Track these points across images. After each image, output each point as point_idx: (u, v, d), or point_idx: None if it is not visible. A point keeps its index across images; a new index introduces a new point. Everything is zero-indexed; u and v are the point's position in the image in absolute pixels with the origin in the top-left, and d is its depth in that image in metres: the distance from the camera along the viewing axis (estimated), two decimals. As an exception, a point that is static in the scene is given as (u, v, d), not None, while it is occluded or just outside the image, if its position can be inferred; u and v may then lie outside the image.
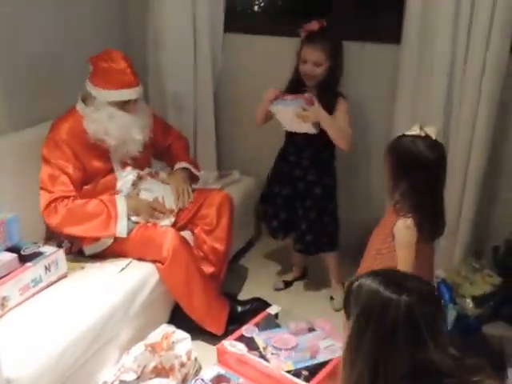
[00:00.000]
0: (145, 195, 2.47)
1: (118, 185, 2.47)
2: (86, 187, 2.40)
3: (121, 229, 2.33)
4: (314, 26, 2.50)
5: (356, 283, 1.26)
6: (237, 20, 3.18)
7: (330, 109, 2.48)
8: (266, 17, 3.46)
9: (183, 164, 2.67)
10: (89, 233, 2.33)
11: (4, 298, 1.98)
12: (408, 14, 2.54)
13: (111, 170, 2.47)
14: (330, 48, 2.46)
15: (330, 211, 2.67)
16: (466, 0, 2.38)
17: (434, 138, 1.84)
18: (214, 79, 3.20)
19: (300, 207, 2.66)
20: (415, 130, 1.84)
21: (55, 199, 2.29)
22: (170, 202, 2.53)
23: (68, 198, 2.30)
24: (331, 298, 2.80)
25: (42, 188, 2.32)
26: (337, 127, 2.47)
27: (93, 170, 2.39)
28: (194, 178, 2.70)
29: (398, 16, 2.59)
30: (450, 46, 2.45)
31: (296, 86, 2.56)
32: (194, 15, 3.03)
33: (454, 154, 2.58)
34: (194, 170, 2.69)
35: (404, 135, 1.87)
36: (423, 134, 1.83)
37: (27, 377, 1.75)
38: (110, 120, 2.32)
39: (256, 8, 3.49)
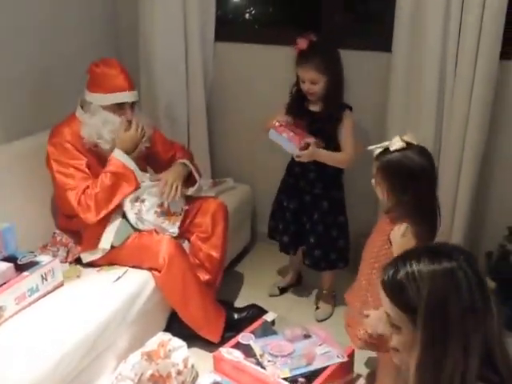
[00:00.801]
0: (150, 200, 2.43)
1: None
2: None
3: (140, 178, 2.41)
4: (302, 44, 2.43)
5: (400, 279, 1.21)
6: (228, 29, 3.21)
7: (335, 124, 2.48)
8: (256, 25, 3.49)
9: (183, 160, 2.61)
10: (120, 199, 2.35)
11: (0, 308, 1.99)
12: (397, 23, 2.56)
13: None
14: (323, 64, 2.41)
15: (338, 225, 2.64)
16: (456, 8, 2.41)
17: (416, 143, 1.87)
18: (206, 88, 3.22)
19: (308, 221, 2.64)
20: (398, 142, 1.85)
21: (82, 193, 2.30)
22: (176, 206, 2.48)
23: (88, 187, 2.32)
24: (316, 308, 2.80)
25: (65, 190, 2.32)
26: (334, 160, 2.50)
27: (95, 172, 2.38)
28: (191, 181, 2.63)
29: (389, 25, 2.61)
30: (440, 53, 2.48)
31: (300, 101, 2.55)
32: (185, 24, 3.06)
33: (446, 162, 2.62)
34: (194, 169, 2.62)
35: (390, 151, 1.86)
36: (405, 144, 1.84)
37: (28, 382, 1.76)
38: (104, 124, 2.34)
39: (247, 16, 3.52)
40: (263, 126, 2.53)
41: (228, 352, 2.23)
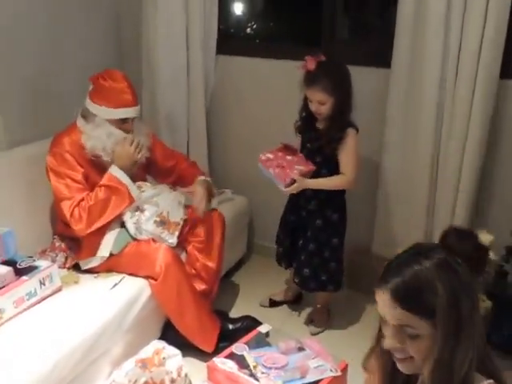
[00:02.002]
0: (150, 210, 2.46)
1: None
2: None
3: (136, 193, 2.42)
4: (310, 65, 2.39)
5: (412, 284, 1.19)
6: (229, 42, 3.25)
7: (336, 143, 2.45)
8: (258, 39, 3.53)
9: (205, 178, 2.69)
10: (114, 214, 2.36)
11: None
12: (397, 37, 2.58)
13: None
14: (331, 85, 2.37)
15: (332, 246, 2.60)
16: (456, 23, 2.41)
17: None
18: (207, 100, 3.26)
19: (301, 237, 2.64)
20: None
21: (76, 205, 2.32)
22: (175, 216, 2.51)
23: (83, 199, 2.34)
24: (310, 321, 2.80)
25: (60, 199, 2.34)
26: (327, 186, 2.50)
27: (93, 181, 2.41)
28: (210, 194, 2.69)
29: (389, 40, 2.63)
30: (439, 70, 2.49)
31: (309, 120, 2.55)
32: (187, 36, 3.10)
33: (445, 180, 2.63)
34: (213, 186, 2.71)
35: None
36: None
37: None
38: (109, 137, 2.36)
39: (248, 30, 3.56)
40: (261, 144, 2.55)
41: (222, 362, 2.24)
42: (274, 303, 2.95)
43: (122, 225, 2.45)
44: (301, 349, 2.35)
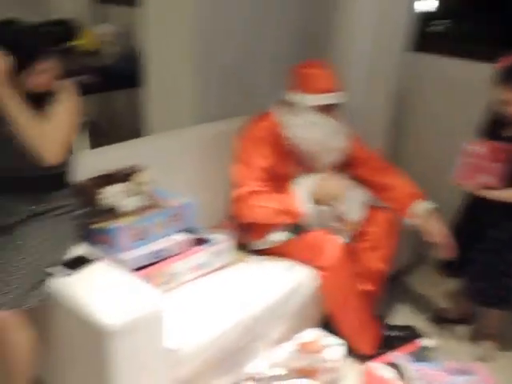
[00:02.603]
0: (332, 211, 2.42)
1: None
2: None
3: (304, 208, 2.32)
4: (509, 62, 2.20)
5: None
6: (424, 39, 3.11)
7: None
8: (453, 38, 3.33)
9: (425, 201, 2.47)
10: (273, 223, 2.37)
11: (175, 275, 2.13)
12: None
13: (295, 176, 2.45)
14: None
15: (509, 262, 2.37)
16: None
17: None
18: (393, 99, 3.14)
19: (477, 246, 2.41)
20: None
21: (247, 193, 2.34)
22: (354, 215, 2.45)
23: (258, 193, 2.34)
24: (478, 343, 2.57)
25: (235, 183, 2.39)
26: None
27: (280, 173, 2.41)
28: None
29: None
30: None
31: (496, 126, 2.35)
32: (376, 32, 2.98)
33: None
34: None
35: None
36: None
37: (185, 350, 1.87)
38: (313, 126, 2.34)
39: (442, 28, 3.38)
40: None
41: (379, 368, 2.16)
42: (439, 318, 2.75)
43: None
44: (466, 372, 2.19)
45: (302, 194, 2.33)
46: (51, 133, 1.92)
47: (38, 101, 1.95)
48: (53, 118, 1.94)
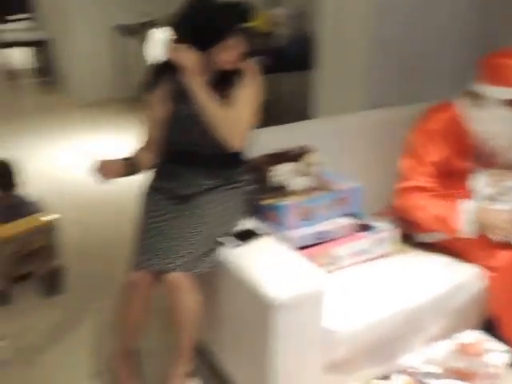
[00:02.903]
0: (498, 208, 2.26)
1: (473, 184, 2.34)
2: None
3: (464, 231, 2.20)
4: None
5: None
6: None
7: None
8: None
9: None
10: (429, 226, 2.30)
11: (337, 258, 2.16)
12: None
13: (469, 172, 2.34)
14: None
15: None
16: None
17: None
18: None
19: None
20: None
21: (412, 188, 2.29)
22: None
23: (423, 189, 2.28)
24: None
25: (402, 173, 2.35)
26: None
27: (454, 168, 2.32)
28: None
29: None
30: None
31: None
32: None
33: None
34: None
35: None
36: None
37: (343, 332, 1.89)
38: (502, 121, 2.20)
39: None
40: None
41: (545, 381, 2.01)
42: None
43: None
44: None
45: (466, 216, 2.20)
46: (237, 119, 2.03)
47: (225, 80, 2.06)
48: (238, 103, 2.04)
